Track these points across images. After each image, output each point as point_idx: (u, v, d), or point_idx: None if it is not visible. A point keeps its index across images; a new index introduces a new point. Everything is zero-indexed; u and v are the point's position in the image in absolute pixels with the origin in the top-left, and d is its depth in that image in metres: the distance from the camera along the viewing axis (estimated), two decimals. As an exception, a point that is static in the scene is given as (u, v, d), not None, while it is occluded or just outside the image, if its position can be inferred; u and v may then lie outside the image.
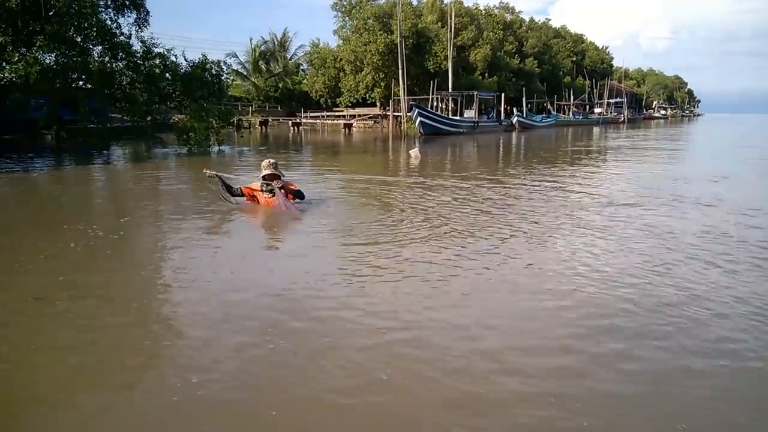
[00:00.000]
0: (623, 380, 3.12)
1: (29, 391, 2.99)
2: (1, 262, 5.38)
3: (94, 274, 5.01)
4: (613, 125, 58.73)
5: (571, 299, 4.34)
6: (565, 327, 3.81)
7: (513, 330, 3.80)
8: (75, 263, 5.36)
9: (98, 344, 3.53)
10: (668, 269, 5.11)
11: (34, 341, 3.55)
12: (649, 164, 16.33)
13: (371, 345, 3.50)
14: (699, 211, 8.26)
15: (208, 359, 3.29)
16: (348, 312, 4.02)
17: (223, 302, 4.23)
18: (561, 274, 4.97)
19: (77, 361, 3.31)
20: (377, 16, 40.37)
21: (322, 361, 3.28)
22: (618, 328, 3.78)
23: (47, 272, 5.03)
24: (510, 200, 9.09)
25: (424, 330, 3.73)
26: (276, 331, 3.66)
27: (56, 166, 14.60)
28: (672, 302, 4.26)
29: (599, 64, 73.90)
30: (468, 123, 36.64)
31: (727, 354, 3.43)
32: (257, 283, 4.75)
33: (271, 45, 55.85)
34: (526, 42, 54.65)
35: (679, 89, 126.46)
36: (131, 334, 3.69)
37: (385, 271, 4.99)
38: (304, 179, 11.13)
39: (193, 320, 3.91)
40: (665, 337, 3.65)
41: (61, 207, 9.02)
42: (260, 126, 38.70)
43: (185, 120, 19.25)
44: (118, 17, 19.63)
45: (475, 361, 3.30)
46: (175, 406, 2.82)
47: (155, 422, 2.72)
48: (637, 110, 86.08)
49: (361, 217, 7.47)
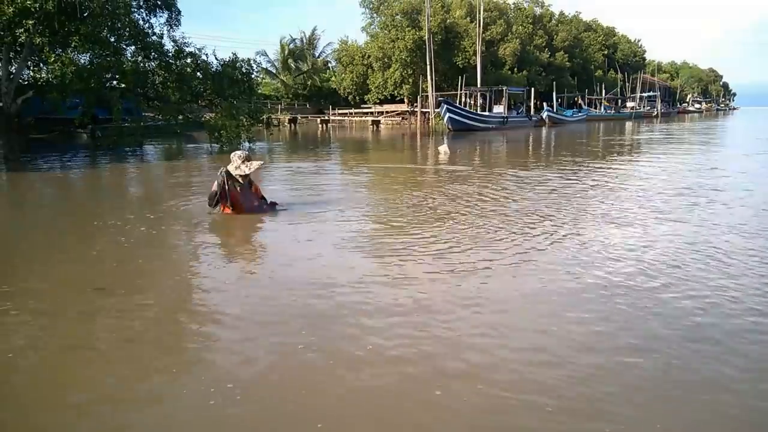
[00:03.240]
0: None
1: (61, 386, 3.03)
2: (58, 256, 5.58)
3: (136, 269, 5.08)
4: (646, 119, 57.50)
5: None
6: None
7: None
8: (123, 257, 5.49)
9: (141, 338, 3.57)
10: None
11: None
12: (690, 156, 15.94)
13: (410, 342, 3.46)
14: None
15: (247, 357, 3.30)
16: (393, 310, 3.98)
17: (260, 298, 4.24)
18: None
19: (122, 354, 3.35)
20: (405, 12, 40.26)
21: (361, 367, 3.25)
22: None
23: (100, 265, 5.19)
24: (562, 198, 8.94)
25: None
26: (312, 331, 3.65)
27: (93, 164, 14.90)
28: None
29: (631, 57, 72.41)
30: (497, 119, 36.26)
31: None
32: (297, 279, 4.74)
33: (300, 43, 56.19)
34: (556, 36, 53.80)
35: (714, 82, 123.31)
36: (171, 330, 3.73)
37: (438, 273, 4.95)
38: (335, 176, 11.14)
39: (227, 317, 3.92)
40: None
41: (102, 203, 9.22)
42: (289, 123, 39.00)
43: (216, 118, 19.49)
44: (150, 17, 19.98)
45: (523, 361, 3.23)
46: (211, 408, 2.82)
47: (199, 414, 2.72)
48: (671, 104, 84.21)
49: (400, 212, 7.44)
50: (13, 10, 14.66)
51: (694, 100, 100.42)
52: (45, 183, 11.48)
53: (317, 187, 10.18)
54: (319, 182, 10.95)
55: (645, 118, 59.48)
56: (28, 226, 7.39)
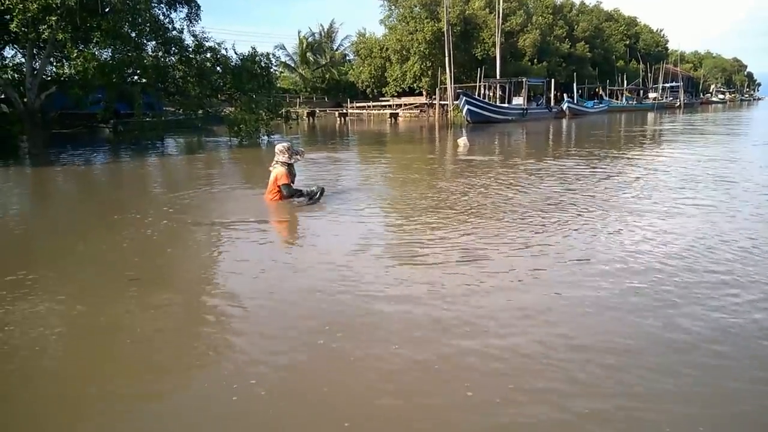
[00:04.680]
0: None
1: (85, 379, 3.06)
2: (91, 248, 5.74)
3: (163, 262, 5.12)
4: (668, 110, 56.53)
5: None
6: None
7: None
8: (150, 250, 5.62)
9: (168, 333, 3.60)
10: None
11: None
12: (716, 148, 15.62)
13: (438, 345, 3.43)
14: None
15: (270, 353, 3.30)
16: (419, 311, 3.96)
17: (282, 294, 4.24)
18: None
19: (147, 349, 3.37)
20: (424, 4, 39.94)
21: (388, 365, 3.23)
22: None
23: (131, 256, 5.34)
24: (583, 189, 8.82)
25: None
26: (337, 329, 3.64)
27: (115, 157, 15.08)
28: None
29: (653, 47, 71.08)
30: (517, 110, 35.89)
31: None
32: (317, 276, 4.74)
33: (318, 36, 56.12)
34: (577, 26, 52.98)
35: (738, 72, 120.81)
36: (195, 325, 3.75)
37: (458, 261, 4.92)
38: (354, 169, 11.11)
39: (251, 312, 3.93)
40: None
41: (127, 195, 9.37)
42: (308, 117, 39.02)
43: (236, 112, 19.60)
44: (171, 12, 20.03)
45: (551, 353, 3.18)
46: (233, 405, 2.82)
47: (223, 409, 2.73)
48: (694, 95, 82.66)
49: (423, 206, 7.40)
50: (36, 7, 14.81)
51: (717, 91, 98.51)
52: (70, 176, 11.64)
53: (340, 180, 10.17)
54: (340, 174, 10.95)
55: (667, 109, 58.46)
56: (58, 218, 7.50)
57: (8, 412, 2.80)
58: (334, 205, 7.53)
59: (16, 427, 2.69)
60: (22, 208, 8.95)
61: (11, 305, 4.04)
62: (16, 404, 2.86)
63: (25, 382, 3.04)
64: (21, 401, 2.88)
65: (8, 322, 3.74)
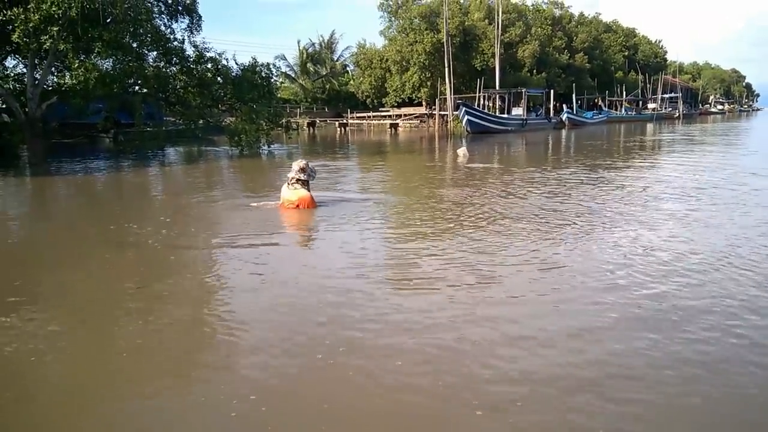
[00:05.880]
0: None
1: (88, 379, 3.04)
2: (97, 257, 5.76)
3: (168, 272, 5.12)
4: (667, 121, 56.68)
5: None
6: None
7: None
8: (154, 257, 5.67)
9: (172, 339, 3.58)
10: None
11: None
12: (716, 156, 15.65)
13: (441, 359, 3.42)
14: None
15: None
16: (423, 323, 3.95)
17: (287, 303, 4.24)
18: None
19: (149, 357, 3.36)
20: (423, 15, 40.15)
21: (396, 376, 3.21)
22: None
23: (135, 264, 5.39)
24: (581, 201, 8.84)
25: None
26: (339, 342, 3.62)
27: (116, 167, 15.09)
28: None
29: (652, 58, 71.37)
30: (516, 121, 35.99)
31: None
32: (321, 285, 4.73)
33: (319, 47, 56.36)
34: (576, 37, 53.25)
35: (736, 83, 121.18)
36: (194, 337, 3.75)
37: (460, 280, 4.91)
38: (356, 177, 11.12)
39: (251, 325, 3.92)
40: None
41: (129, 205, 9.38)
42: (308, 127, 39.11)
43: (236, 122, 19.62)
44: (172, 23, 20.10)
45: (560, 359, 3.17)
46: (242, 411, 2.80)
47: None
48: (693, 105, 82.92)
49: (426, 215, 7.41)
50: (38, 17, 14.86)
51: (716, 101, 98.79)
52: (69, 186, 11.65)
53: (344, 188, 10.20)
54: (343, 182, 10.97)
55: (666, 120, 58.63)
56: (60, 228, 7.50)
57: (6, 422, 2.78)
58: (336, 216, 7.53)
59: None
60: (20, 217, 8.93)
61: (5, 316, 4.03)
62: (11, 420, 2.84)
63: (22, 400, 3.02)
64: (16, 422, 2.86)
65: (3, 334, 3.73)
